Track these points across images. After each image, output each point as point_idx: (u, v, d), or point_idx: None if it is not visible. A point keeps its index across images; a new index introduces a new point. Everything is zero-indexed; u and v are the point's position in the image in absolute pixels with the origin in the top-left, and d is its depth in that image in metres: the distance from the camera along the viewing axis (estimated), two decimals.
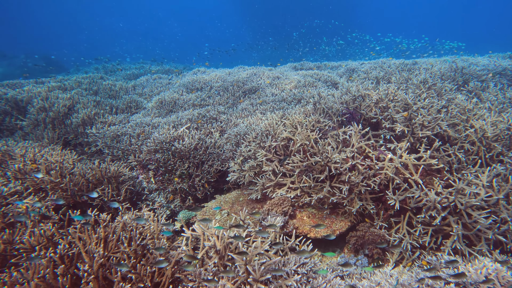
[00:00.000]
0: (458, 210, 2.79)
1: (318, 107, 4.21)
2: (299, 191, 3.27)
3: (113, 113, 5.64)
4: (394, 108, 3.79)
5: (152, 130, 4.74)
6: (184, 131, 4.64)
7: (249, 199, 3.72)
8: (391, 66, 5.71)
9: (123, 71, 10.12)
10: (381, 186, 3.19)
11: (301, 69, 7.63)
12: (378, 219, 3.09)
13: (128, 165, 4.63)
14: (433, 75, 5.00)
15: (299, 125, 3.75)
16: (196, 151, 4.33)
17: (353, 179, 3.03)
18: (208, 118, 4.78)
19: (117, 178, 3.39)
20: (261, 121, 4.33)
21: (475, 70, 5.01)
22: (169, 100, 5.87)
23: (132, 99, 5.93)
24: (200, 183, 4.22)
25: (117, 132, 4.82)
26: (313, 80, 5.59)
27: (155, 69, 10.23)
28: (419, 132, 3.32)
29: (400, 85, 4.87)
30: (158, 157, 4.34)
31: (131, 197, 3.51)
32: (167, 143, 4.44)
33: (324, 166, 3.13)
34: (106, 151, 4.74)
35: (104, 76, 7.86)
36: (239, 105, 5.15)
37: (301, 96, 4.85)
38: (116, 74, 10.01)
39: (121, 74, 9.72)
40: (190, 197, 4.33)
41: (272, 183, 3.43)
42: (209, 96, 5.66)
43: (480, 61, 5.95)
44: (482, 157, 3.45)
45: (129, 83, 7.65)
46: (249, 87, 5.50)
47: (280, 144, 3.49)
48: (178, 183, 4.22)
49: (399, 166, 2.91)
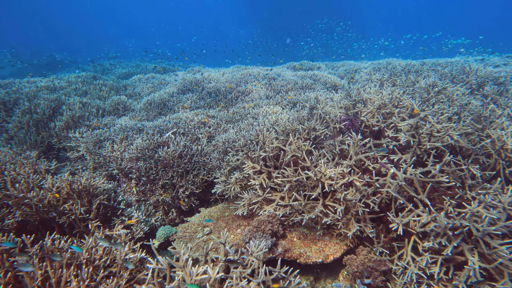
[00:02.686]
0: (474, 237, 2.39)
1: (315, 113, 3.83)
2: (289, 208, 2.90)
3: (99, 116, 5.34)
4: (398, 115, 3.39)
5: (136, 135, 4.42)
6: (170, 137, 4.30)
7: (235, 215, 3.36)
8: (397, 67, 5.29)
9: (118, 70, 9.84)
10: (382, 205, 2.81)
11: (300, 69, 7.23)
12: (379, 243, 2.70)
13: (109, 173, 4.32)
14: (443, 78, 4.57)
15: (291, 134, 3.38)
16: (180, 159, 3.99)
17: (350, 197, 2.65)
18: (196, 122, 4.43)
19: (89, 191, 3.07)
20: (251, 127, 3.96)
21: (492, 72, 4.56)
22: (159, 102, 5.55)
23: (120, 101, 5.63)
24: (184, 194, 3.88)
25: (100, 136, 4.51)
26: (311, 81, 5.20)
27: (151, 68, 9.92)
28: (427, 143, 2.91)
29: (406, 89, 4.45)
30: (140, 166, 4.01)
31: (106, 212, 3.18)
32: (151, 150, 4.11)
33: (317, 182, 2.76)
34: (88, 157, 4.43)
35: (97, 76, 7.59)
36: (230, 108, 4.80)
37: (296, 100, 4.47)
38: (112, 72, 9.74)
39: (116, 72, 9.44)
40: (174, 209, 3.99)
41: (259, 199, 3.07)
42: (200, 98, 5.32)
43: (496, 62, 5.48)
44: (501, 172, 3.03)
45: (121, 83, 7.36)
46: (242, 89, 5.14)
47: (270, 155, 3.13)
48: (161, 194, 3.89)
49: (403, 184, 2.51)
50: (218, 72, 6.48)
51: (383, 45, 27.60)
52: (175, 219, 3.98)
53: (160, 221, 3.85)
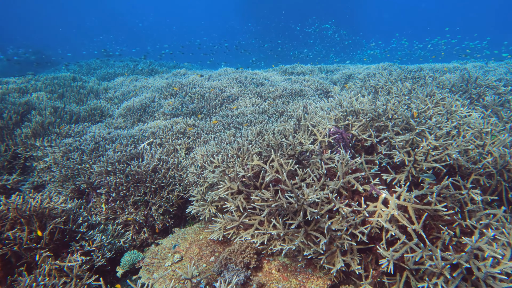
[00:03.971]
0: (475, 277, 2.11)
1: (302, 124, 3.53)
2: (268, 235, 2.60)
3: (73, 122, 4.98)
4: (392, 129, 3.10)
5: (109, 145, 4.08)
6: (145, 148, 3.97)
7: (210, 239, 3.05)
8: (393, 73, 5.02)
9: (105, 69, 9.45)
10: (372, 234, 2.51)
11: (292, 73, 6.93)
12: (367, 278, 2.41)
13: (77, 188, 3.98)
14: (441, 86, 4.30)
15: (275, 149, 3.08)
16: (154, 173, 3.67)
17: (335, 227, 2.35)
18: (174, 132, 4.10)
19: (44, 214, 2.73)
20: (233, 138, 3.65)
21: (491, 80, 4.30)
22: (138, 107, 5.21)
23: (97, 106, 5.28)
24: (158, 213, 3.55)
25: (69, 146, 4.17)
26: (301, 87, 4.90)
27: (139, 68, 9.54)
28: (423, 163, 2.63)
29: (401, 98, 4.18)
30: (110, 180, 3.68)
31: (63, 237, 2.85)
32: (122, 163, 3.78)
33: (300, 207, 2.45)
34: (54, 169, 4.09)
35: (77, 77, 7.22)
36: (213, 116, 4.48)
37: (284, 108, 4.17)
38: (97, 73, 9.34)
39: (101, 73, 9.07)
40: (146, 228, 3.67)
41: (235, 224, 2.76)
42: (182, 103, 4.99)
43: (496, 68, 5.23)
44: (503, 195, 2.76)
45: (103, 85, 6.99)
46: (227, 95, 4.83)
47: (248, 175, 2.82)
48: (131, 213, 3.56)
49: (396, 214, 2.22)
50: (204, 76, 6.15)
51: (379, 50, 27.55)
52: (148, 238, 3.66)
53: (130, 242, 3.53)
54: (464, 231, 2.54)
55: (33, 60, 19.01)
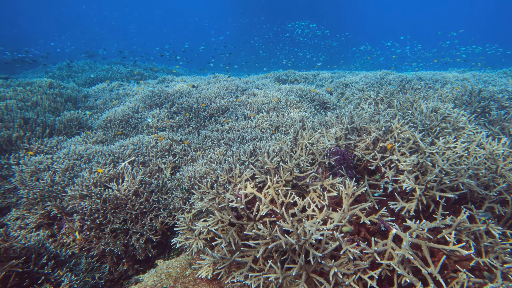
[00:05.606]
0: None
1: (300, 143, 3.26)
2: (264, 278, 2.30)
3: (46, 135, 4.55)
4: (399, 149, 2.86)
5: (85, 165, 3.70)
6: (126, 167, 3.61)
7: (198, 277, 2.72)
8: (392, 83, 4.83)
9: (87, 73, 8.94)
10: (382, 277, 2.25)
11: (285, 80, 6.66)
12: None
13: (47, 213, 3.58)
14: (444, 99, 4.11)
15: (270, 174, 2.79)
16: (136, 198, 3.31)
17: (341, 270, 2.07)
18: (159, 149, 3.76)
19: None
20: (224, 157, 3.34)
21: (494, 92, 4.15)
22: (120, 118, 4.82)
23: (74, 117, 4.86)
24: (139, 243, 3.20)
25: (39, 165, 3.76)
26: (297, 98, 4.64)
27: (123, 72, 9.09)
28: (436, 193, 2.39)
29: (404, 111, 3.97)
30: (85, 206, 3.30)
31: (21, 282, 2.46)
32: (99, 186, 3.41)
33: (301, 247, 2.17)
34: (21, 191, 3.67)
35: (54, 83, 6.73)
36: (202, 130, 4.15)
37: (279, 122, 3.89)
38: (78, 77, 8.82)
39: (83, 77, 8.57)
40: (126, 259, 3.30)
41: (226, 263, 2.45)
42: (169, 115, 4.64)
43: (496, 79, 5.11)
44: None
45: (83, 92, 6.54)
46: (217, 106, 4.51)
47: (242, 206, 2.51)
48: (108, 244, 3.19)
49: (412, 259, 1.96)
50: (192, 83, 5.81)
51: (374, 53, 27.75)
52: (128, 270, 3.30)
53: (107, 276, 3.16)
54: (481, 269, 2.32)
55: (8, 59, 18.08)
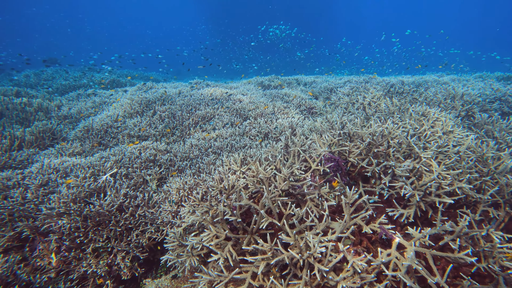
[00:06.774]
0: None
1: (292, 150, 3.19)
2: None
3: (14, 149, 4.19)
4: (393, 154, 2.86)
5: (61, 179, 3.41)
6: (108, 180, 3.37)
7: None
8: (377, 87, 4.91)
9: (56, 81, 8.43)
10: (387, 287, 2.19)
11: (268, 86, 6.62)
12: None
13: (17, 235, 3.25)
14: (429, 102, 4.22)
15: (265, 184, 2.68)
16: (121, 213, 3.09)
17: (347, 284, 1.99)
18: (143, 160, 3.55)
19: None
20: (213, 167, 3.20)
21: (476, 96, 4.31)
22: (99, 128, 4.54)
23: (47, 127, 4.52)
24: (124, 262, 2.97)
25: (7, 181, 3.43)
26: (283, 104, 4.59)
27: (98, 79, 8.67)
28: (436, 199, 2.39)
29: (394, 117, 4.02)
30: (63, 224, 3.03)
31: None
32: (79, 202, 3.15)
33: (304, 261, 2.07)
34: None
35: (22, 91, 6.27)
36: (187, 139, 3.98)
37: (268, 129, 3.81)
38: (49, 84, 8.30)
39: (55, 85, 8.08)
40: (110, 280, 3.06)
41: (224, 281, 2.30)
42: (150, 123, 4.43)
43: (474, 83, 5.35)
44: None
45: (55, 100, 6.14)
46: (202, 113, 4.36)
47: (238, 220, 2.38)
48: (89, 265, 2.94)
49: (420, 269, 1.92)
50: (173, 90, 5.61)
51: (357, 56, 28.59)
52: None
53: None
54: (482, 275, 2.33)
55: None
